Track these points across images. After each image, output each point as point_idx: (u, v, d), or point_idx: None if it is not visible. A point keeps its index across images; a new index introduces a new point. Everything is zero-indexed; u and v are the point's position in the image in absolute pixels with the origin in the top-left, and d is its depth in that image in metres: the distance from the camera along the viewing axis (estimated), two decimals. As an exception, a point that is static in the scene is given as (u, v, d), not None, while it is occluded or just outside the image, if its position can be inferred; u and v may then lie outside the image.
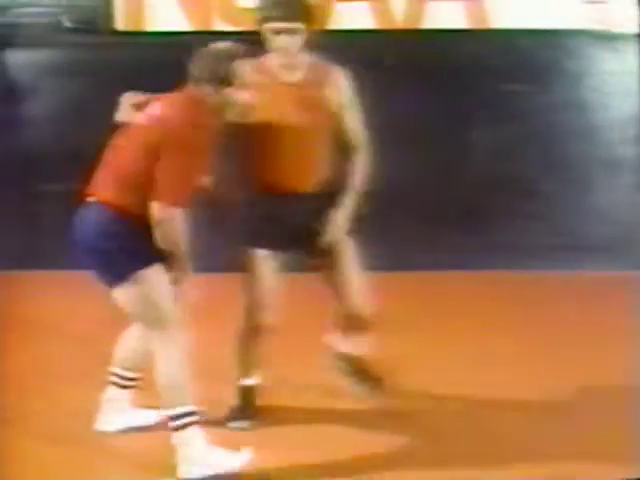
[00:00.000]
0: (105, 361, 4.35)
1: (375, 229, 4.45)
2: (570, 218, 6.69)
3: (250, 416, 4.44)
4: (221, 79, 3.93)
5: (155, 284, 3.96)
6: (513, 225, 6.67)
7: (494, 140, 6.69)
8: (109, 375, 4.33)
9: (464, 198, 6.72)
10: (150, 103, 4.05)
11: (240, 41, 4.02)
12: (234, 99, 3.97)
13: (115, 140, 4.05)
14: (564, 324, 5.62)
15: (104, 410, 4.33)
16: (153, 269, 3.95)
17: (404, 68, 6.30)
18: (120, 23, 6.68)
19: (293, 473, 4.03)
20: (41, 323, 5.65)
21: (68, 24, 6.67)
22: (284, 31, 4.13)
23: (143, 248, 3.92)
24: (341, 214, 4.32)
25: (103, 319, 4.75)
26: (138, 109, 4.08)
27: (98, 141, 4.09)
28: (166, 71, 4.01)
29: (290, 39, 4.14)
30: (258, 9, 4.29)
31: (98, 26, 6.65)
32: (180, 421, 3.95)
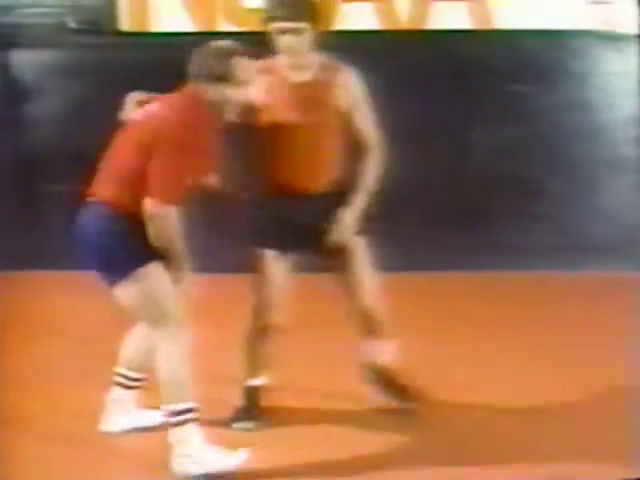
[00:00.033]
0: (108, 361, 4.35)
1: (384, 229, 4.42)
2: (575, 218, 6.69)
3: (255, 417, 4.43)
4: (219, 76, 3.93)
5: (155, 281, 3.96)
6: (517, 225, 6.67)
7: (498, 140, 6.68)
8: (114, 375, 4.33)
9: (467, 198, 6.72)
10: (150, 102, 4.07)
11: (245, 42, 4.02)
12: (233, 97, 3.97)
13: (115, 139, 4.07)
14: (569, 324, 5.61)
15: (109, 410, 4.33)
16: (153, 266, 3.95)
17: (408, 68, 6.30)
18: (124, 24, 6.69)
19: (296, 473, 4.03)
20: (44, 323, 5.65)
21: (72, 24, 6.67)
22: (289, 31, 4.13)
23: (142, 246, 3.92)
24: (349, 214, 4.30)
25: (106, 319, 4.76)
26: (140, 107, 4.09)
27: (102, 142, 4.09)
28: (170, 72, 4.01)
29: (295, 39, 4.14)
30: (264, 9, 4.29)
31: (102, 27, 6.65)
32: (179, 417, 3.96)
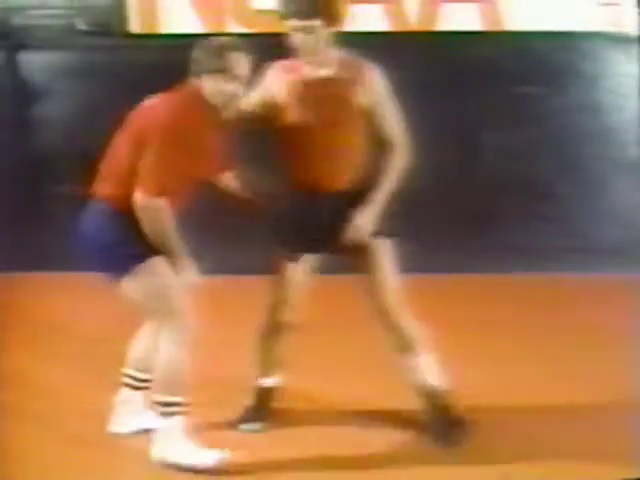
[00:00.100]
0: (116, 362, 4.35)
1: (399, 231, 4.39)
2: (585, 220, 6.68)
3: (263, 418, 4.42)
4: (219, 71, 3.94)
5: (158, 276, 3.98)
6: (527, 227, 6.66)
7: (508, 142, 6.68)
8: (123, 377, 4.33)
9: (477, 200, 6.71)
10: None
11: (254, 43, 4.02)
12: (231, 91, 3.97)
13: (114, 136, 4.08)
14: (578, 326, 5.60)
15: (117, 412, 4.34)
16: (155, 261, 3.96)
17: (418, 70, 6.29)
18: (134, 25, 6.70)
19: (298, 474, 4.04)
20: (51, 325, 5.66)
21: (82, 26, 6.68)
22: (302, 28, 4.11)
23: (142, 241, 3.93)
24: (367, 212, 4.21)
25: (113, 321, 4.77)
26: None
27: (110, 144, 4.10)
28: (179, 73, 4.01)
29: (309, 36, 4.10)
30: (278, 7, 4.27)
31: (112, 28, 6.66)
32: (166, 408, 4.02)
